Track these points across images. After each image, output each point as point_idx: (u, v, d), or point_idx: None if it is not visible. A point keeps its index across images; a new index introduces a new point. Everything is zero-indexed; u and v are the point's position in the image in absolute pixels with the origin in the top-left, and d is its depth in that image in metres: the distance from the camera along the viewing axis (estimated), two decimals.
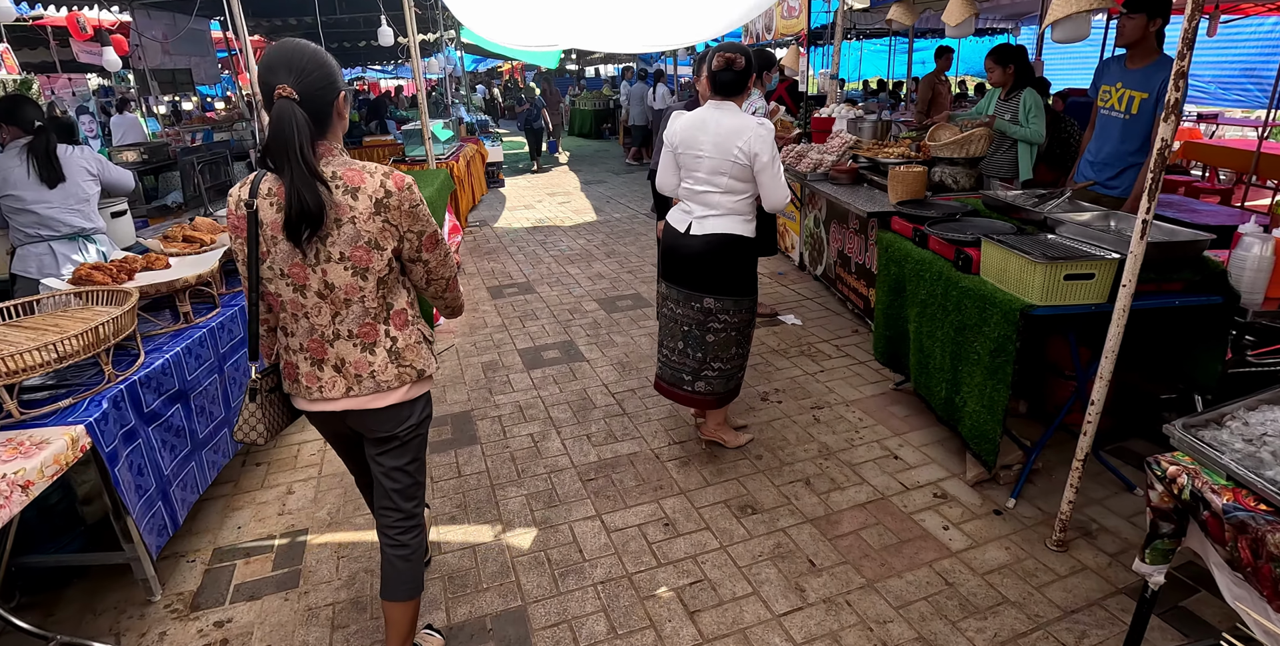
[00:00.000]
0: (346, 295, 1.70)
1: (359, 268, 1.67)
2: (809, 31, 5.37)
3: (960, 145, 3.64)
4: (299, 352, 1.78)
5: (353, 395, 1.78)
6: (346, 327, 1.74)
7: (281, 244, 1.64)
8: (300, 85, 1.57)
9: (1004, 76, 4.41)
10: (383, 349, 1.77)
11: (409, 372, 1.82)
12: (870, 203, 3.86)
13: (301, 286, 1.69)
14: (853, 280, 4.71)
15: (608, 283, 5.96)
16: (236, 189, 1.69)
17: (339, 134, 1.72)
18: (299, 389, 1.81)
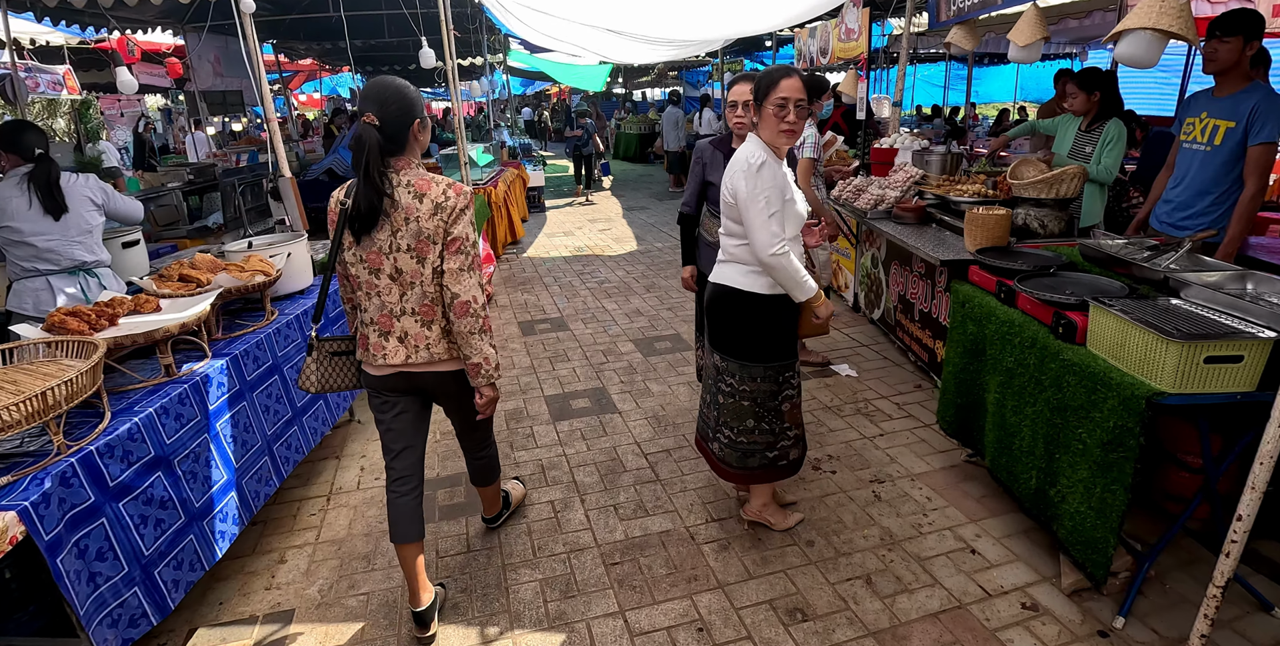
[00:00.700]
0: (411, 279, 2.10)
1: (421, 257, 2.07)
2: (868, 56, 4.98)
3: (1049, 184, 3.19)
4: (370, 326, 2.20)
5: (410, 362, 2.19)
6: (410, 306, 2.14)
7: (364, 237, 2.08)
8: (381, 114, 2.00)
9: (1087, 104, 3.95)
10: (438, 326, 2.17)
11: (457, 350, 2.20)
12: (941, 247, 3.43)
13: (376, 270, 2.11)
14: (916, 329, 4.25)
15: (646, 321, 5.58)
16: (338, 191, 2.14)
17: (416, 151, 2.12)
18: (368, 356, 2.23)
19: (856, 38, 5.27)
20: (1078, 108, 3.99)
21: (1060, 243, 3.19)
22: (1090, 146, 4.03)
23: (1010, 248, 3.10)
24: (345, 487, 3.37)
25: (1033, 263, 2.85)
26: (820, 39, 6.15)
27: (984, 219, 3.06)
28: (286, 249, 3.26)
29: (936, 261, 3.16)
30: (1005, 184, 3.72)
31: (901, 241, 3.64)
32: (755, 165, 2.30)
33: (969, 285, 3.02)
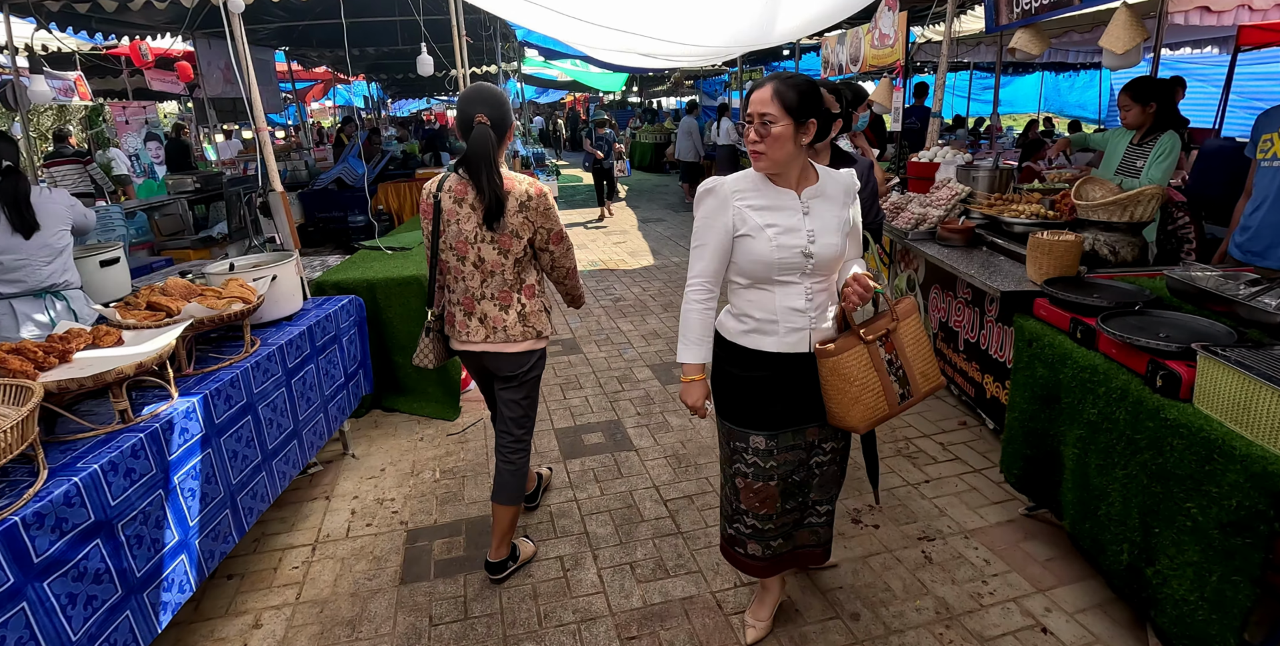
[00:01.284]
0: (492, 268, 2.33)
1: (503, 249, 2.31)
2: (905, 63, 4.63)
3: (1122, 206, 2.83)
4: (457, 305, 2.45)
5: (488, 341, 2.42)
6: (490, 291, 2.37)
7: (452, 226, 2.32)
8: (491, 115, 2.23)
9: (1142, 117, 3.61)
10: (514, 311, 2.40)
11: (530, 331, 2.44)
12: (995, 274, 3.07)
13: (463, 257, 2.34)
14: (960, 360, 3.89)
15: (664, 343, 5.24)
16: (429, 184, 2.38)
17: (503, 153, 2.33)
18: (454, 332, 2.48)
19: (892, 44, 4.93)
20: (1132, 120, 3.65)
21: (1136, 273, 2.82)
22: (1141, 160, 3.68)
23: (1081, 278, 2.74)
24: (334, 534, 3.04)
25: (1112, 297, 2.49)
26: (850, 46, 5.81)
27: (1052, 245, 2.71)
28: (271, 271, 2.95)
29: (996, 293, 2.80)
30: (1065, 204, 3.36)
31: (951, 267, 3.28)
32: (701, 190, 1.97)
33: (1036, 321, 2.66)
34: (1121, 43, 3.59)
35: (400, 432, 3.94)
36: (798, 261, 1.88)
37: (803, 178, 1.94)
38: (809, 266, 1.89)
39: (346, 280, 3.96)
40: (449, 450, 3.72)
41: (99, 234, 6.59)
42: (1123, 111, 3.66)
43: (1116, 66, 3.70)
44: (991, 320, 3.52)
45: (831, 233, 1.91)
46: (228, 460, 2.51)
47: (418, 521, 3.11)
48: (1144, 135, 3.68)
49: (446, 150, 12.52)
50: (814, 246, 1.88)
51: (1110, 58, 3.66)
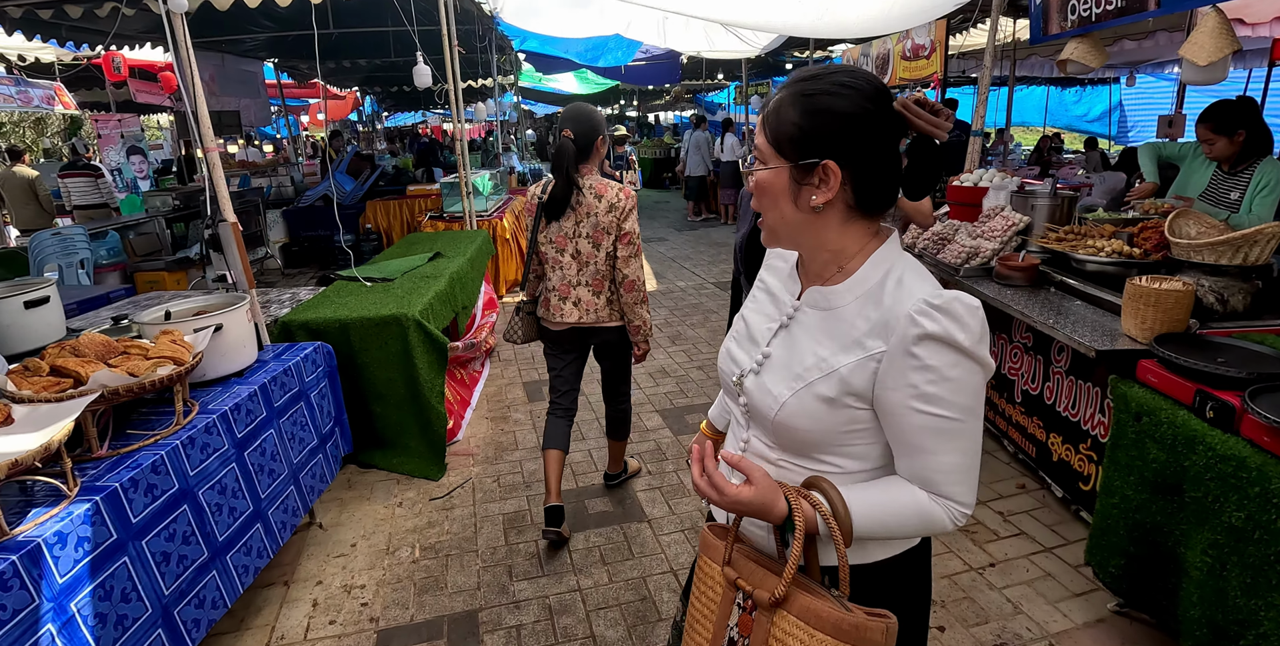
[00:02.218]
0: (587, 259, 2.78)
1: (596, 243, 2.76)
2: (943, 75, 4.18)
3: (1234, 246, 2.37)
4: (553, 292, 2.88)
5: (581, 321, 2.87)
6: (585, 279, 2.82)
7: (551, 222, 2.79)
8: (576, 130, 2.66)
9: (1231, 148, 3.18)
10: (604, 296, 2.85)
11: (616, 314, 2.88)
12: (1072, 322, 2.60)
13: (561, 250, 2.79)
14: (1017, 414, 3.41)
15: (673, 384, 4.76)
16: (535, 187, 2.88)
17: (595, 162, 2.75)
18: (548, 314, 2.92)
19: (928, 55, 4.48)
20: (1220, 154, 3.21)
21: (1258, 328, 2.35)
22: (1237, 191, 3.22)
23: (1195, 335, 2.26)
24: (289, 636, 2.53)
25: (1245, 363, 2.02)
26: (877, 57, 5.36)
27: (1159, 296, 2.23)
28: (215, 320, 2.46)
29: (1090, 352, 2.32)
30: (1148, 239, 2.89)
31: (1021, 313, 2.80)
32: None
33: (1144, 389, 2.18)
34: (1206, 53, 3.14)
35: (376, 495, 3.44)
36: (732, 388, 1.21)
37: (825, 267, 1.11)
38: (741, 407, 1.18)
39: (317, 320, 3.47)
40: (431, 520, 3.22)
41: (58, 257, 6.11)
42: (1206, 146, 3.22)
43: (1199, 81, 3.25)
44: (1061, 372, 3.04)
45: (786, 377, 1.09)
46: (155, 567, 2.01)
47: (391, 617, 2.60)
48: (1234, 163, 3.24)
49: (440, 165, 12.08)
50: (749, 379, 1.15)
51: (1191, 71, 3.20)
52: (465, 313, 4.72)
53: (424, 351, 3.60)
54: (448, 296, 4.18)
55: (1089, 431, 2.86)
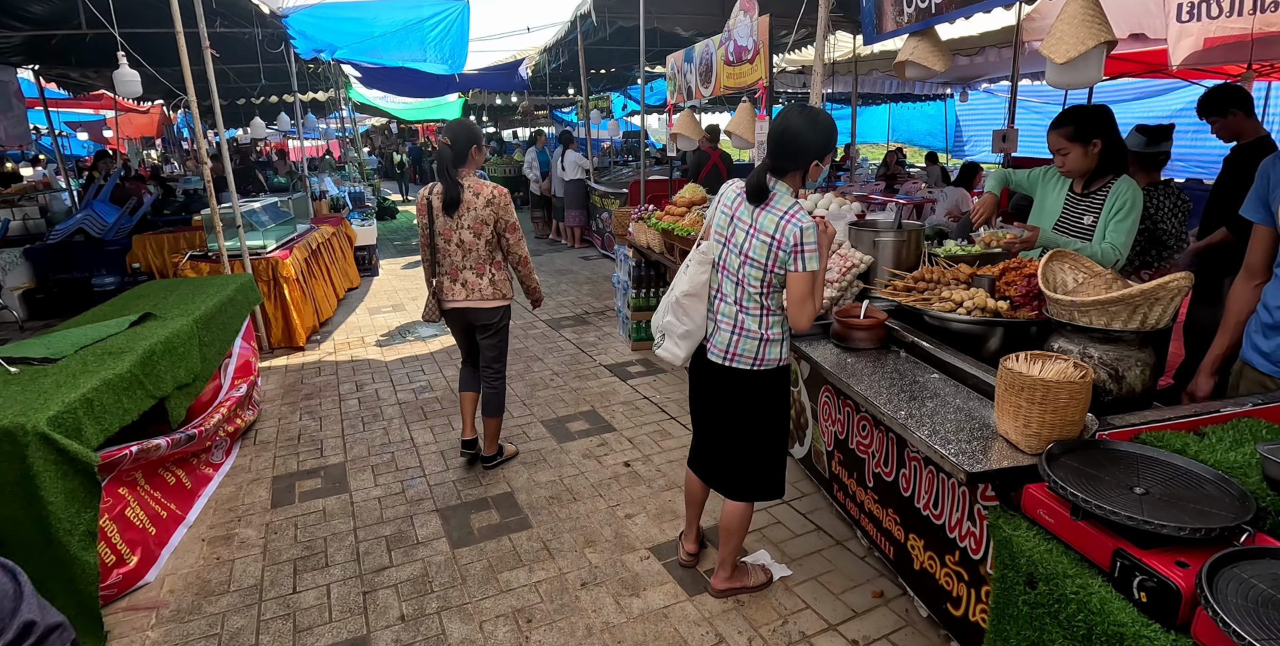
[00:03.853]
0: (469, 247, 3.36)
1: (476, 233, 3.34)
2: (768, 82, 3.49)
3: (1130, 307, 1.72)
4: (445, 275, 3.45)
5: (467, 300, 3.44)
6: (469, 264, 3.40)
7: (439, 217, 3.35)
8: (452, 138, 3.29)
9: (1086, 161, 2.62)
10: (486, 278, 3.43)
11: (498, 293, 3.46)
12: (931, 411, 1.88)
13: (448, 240, 3.36)
14: (871, 502, 2.71)
15: (466, 464, 3.80)
16: (424, 190, 3.40)
17: (472, 166, 3.36)
18: (443, 295, 3.47)
19: (751, 58, 3.81)
20: (1074, 166, 2.65)
21: (1170, 422, 1.69)
22: (1090, 215, 2.68)
23: (1094, 441, 1.57)
24: None
25: (1175, 500, 1.32)
26: (700, 62, 4.67)
27: (1049, 391, 1.53)
28: None
29: (961, 475, 1.58)
30: (1019, 288, 2.24)
31: (864, 398, 2.06)
32: None
33: (1035, 531, 1.46)
34: (1066, 46, 2.54)
35: None
36: None
37: None
38: None
39: None
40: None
41: None
42: (1058, 157, 2.65)
43: (1066, 83, 2.67)
44: (917, 457, 2.35)
45: None
46: None
47: None
48: (1089, 181, 2.69)
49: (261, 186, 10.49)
50: None
51: (1056, 72, 2.60)
52: (186, 392, 3.58)
53: (56, 477, 2.47)
54: (134, 381, 3.04)
55: (956, 542, 2.16)
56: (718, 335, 2.38)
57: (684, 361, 2.48)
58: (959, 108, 15.79)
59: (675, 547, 2.96)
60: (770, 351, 2.33)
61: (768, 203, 2.21)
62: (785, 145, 2.17)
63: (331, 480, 3.70)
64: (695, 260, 2.42)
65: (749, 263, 2.24)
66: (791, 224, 2.13)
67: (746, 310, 2.30)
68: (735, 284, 2.31)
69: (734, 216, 2.31)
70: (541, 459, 3.84)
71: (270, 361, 5.66)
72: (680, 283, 2.43)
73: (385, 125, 30.05)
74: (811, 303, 2.16)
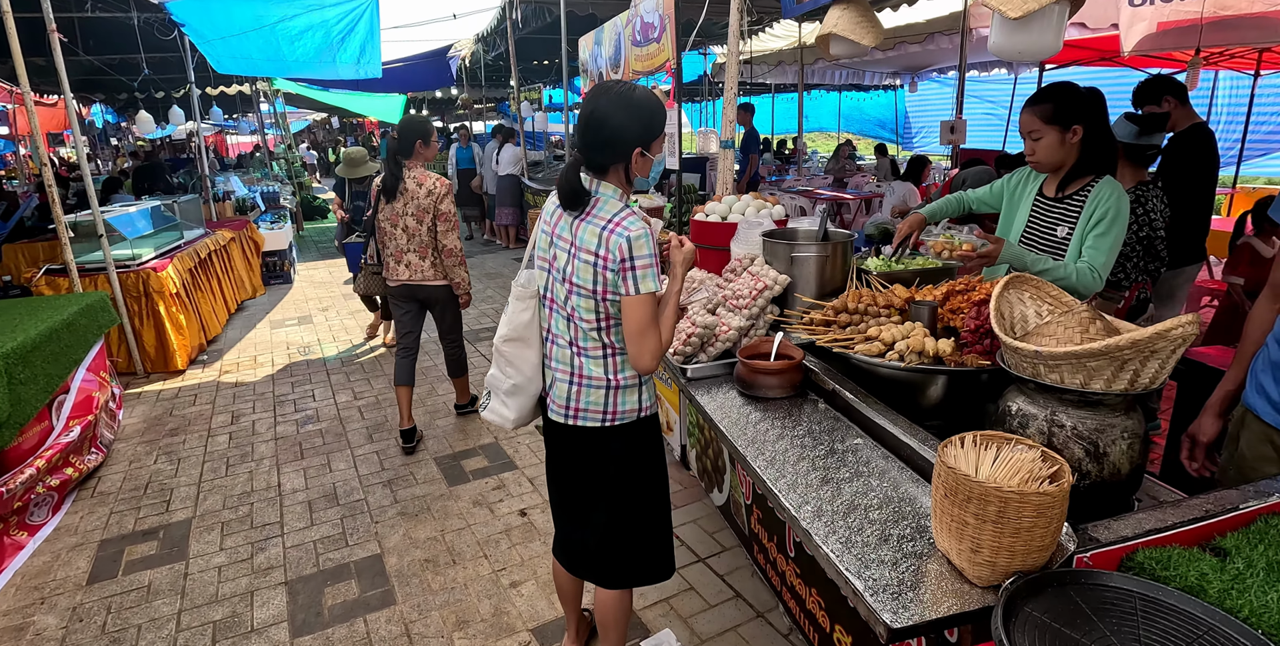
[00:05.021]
0: (412, 233, 3.58)
1: (419, 220, 3.55)
2: (677, 66, 2.96)
3: (1117, 363, 1.24)
4: (390, 256, 3.69)
5: (410, 278, 3.69)
6: (413, 247, 3.63)
7: (384, 204, 3.60)
8: (399, 132, 3.57)
9: (1062, 151, 2.14)
10: (429, 260, 3.66)
11: (439, 274, 3.72)
12: (849, 502, 1.38)
13: (394, 225, 3.59)
14: (794, 576, 2.22)
15: (339, 514, 3.23)
16: (377, 178, 3.68)
17: (419, 158, 3.58)
18: (388, 273, 3.74)
19: (658, 36, 3.26)
20: (1046, 156, 2.16)
21: (1174, 531, 1.21)
22: (1065, 225, 2.21)
23: (1070, 574, 1.08)
24: None
25: None
26: (609, 44, 4.13)
27: (1006, 506, 1.03)
28: None
29: (881, 630, 1.08)
30: (966, 320, 1.76)
31: (768, 485, 1.55)
32: None
33: None
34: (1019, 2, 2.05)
35: None
36: None
37: None
38: None
39: None
40: None
41: None
42: (1030, 145, 2.16)
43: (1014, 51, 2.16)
44: None
45: None
46: None
47: None
48: (1064, 183, 2.21)
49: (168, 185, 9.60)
50: None
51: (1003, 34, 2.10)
52: None
53: None
54: None
55: None
56: (555, 387, 1.87)
57: (516, 423, 1.96)
58: (908, 98, 15.50)
59: (563, 630, 2.44)
60: (625, 400, 1.82)
61: (589, 211, 1.71)
62: (594, 133, 1.69)
63: (170, 543, 3.09)
64: (514, 296, 1.90)
65: (576, 291, 1.74)
66: (616, 234, 1.64)
67: (585, 352, 1.79)
68: (566, 320, 1.80)
69: (554, 235, 1.80)
70: (425, 508, 3.28)
71: (143, 387, 4.98)
72: (501, 326, 1.92)
73: (326, 119, 28.86)
74: (653, 336, 1.67)
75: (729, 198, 2.83)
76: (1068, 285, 2.06)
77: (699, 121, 17.38)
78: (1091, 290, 2.10)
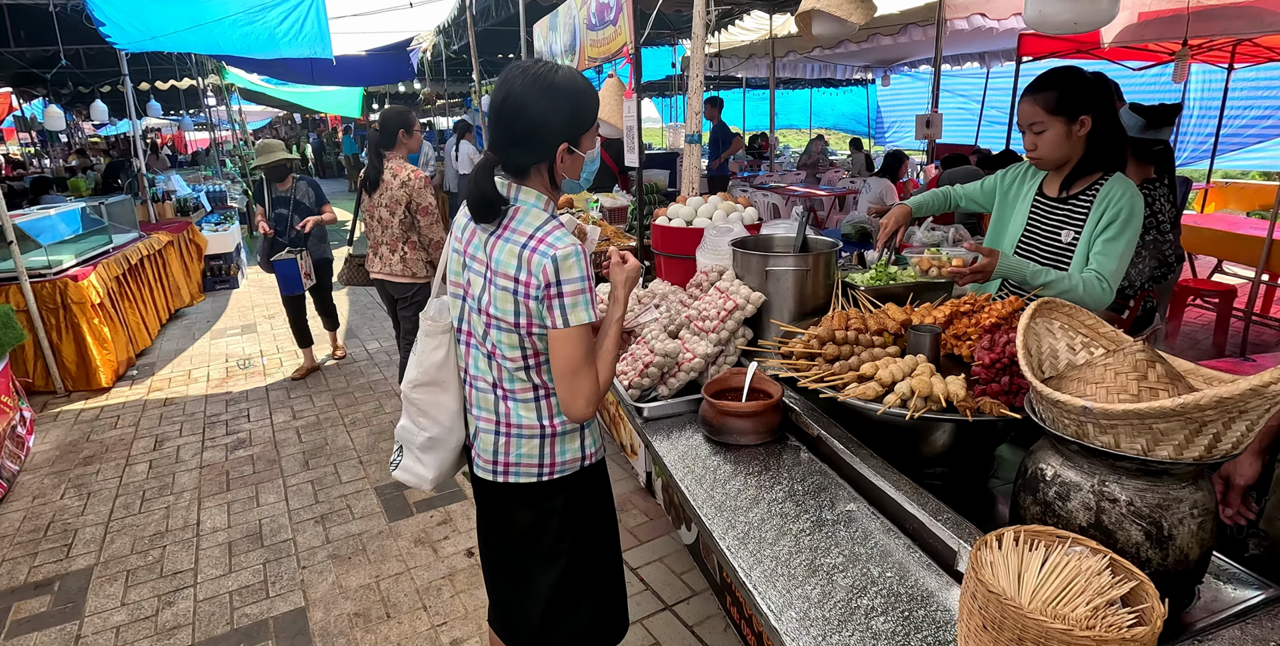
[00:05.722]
0: (385, 224, 3.60)
1: (391, 211, 3.55)
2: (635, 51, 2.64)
3: (1193, 425, 0.95)
4: (370, 248, 3.76)
5: (381, 272, 3.69)
6: (385, 240, 3.64)
7: (365, 195, 3.65)
8: (381, 123, 3.59)
9: (1068, 145, 1.84)
10: (398, 255, 3.63)
11: (408, 271, 3.65)
12: (840, 601, 1.10)
13: (372, 215, 3.63)
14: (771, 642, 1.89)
15: (261, 559, 2.87)
16: (362, 171, 3.64)
17: (400, 149, 3.59)
18: (369, 264, 3.77)
19: (614, 18, 2.93)
20: (1047, 151, 1.86)
21: None
22: (1070, 229, 1.93)
23: None
24: None
25: None
26: (564, 29, 3.78)
27: (1046, 637, 0.72)
28: None
29: None
30: (980, 352, 1.45)
31: (729, 564, 1.23)
32: None
33: None
34: None
35: None
36: None
37: None
38: None
39: None
40: None
41: None
42: (1030, 136, 1.86)
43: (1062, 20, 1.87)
44: None
45: None
46: None
47: None
48: (1069, 180, 1.91)
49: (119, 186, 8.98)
50: None
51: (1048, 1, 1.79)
52: None
53: None
54: None
55: None
56: (479, 439, 1.53)
57: (435, 483, 1.63)
58: (881, 92, 15.32)
59: None
60: (564, 449, 1.50)
61: (506, 224, 1.38)
62: (509, 125, 1.35)
63: (65, 598, 2.70)
64: (422, 331, 1.56)
65: (495, 324, 1.40)
66: (539, 253, 1.31)
67: (512, 395, 1.47)
68: (487, 358, 1.47)
69: (466, 255, 1.46)
70: (360, 549, 2.93)
71: (61, 408, 4.55)
72: (408, 368, 1.58)
73: (288, 116, 28.07)
74: (587, 377, 1.36)
75: (694, 199, 2.50)
76: (1073, 298, 1.78)
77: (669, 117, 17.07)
78: (1101, 303, 1.82)
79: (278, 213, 4.63)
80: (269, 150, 4.60)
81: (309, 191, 4.71)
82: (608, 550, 1.66)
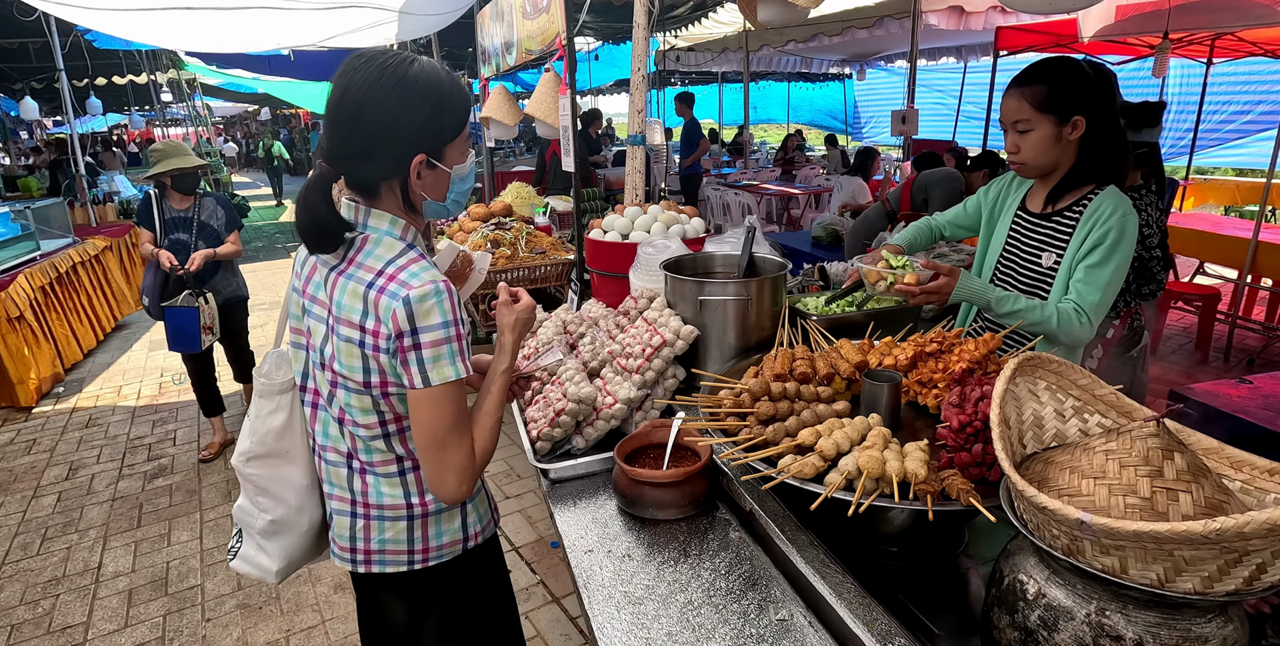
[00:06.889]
0: None
1: None
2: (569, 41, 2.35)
3: (1228, 556, 0.70)
4: None
5: None
6: None
7: None
8: None
9: (1052, 149, 1.56)
10: None
11: None
12: None
13: None
14: None
15: (158, 614, 2.57)
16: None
17: None
18: None
19: (547, 5, 2.63)
20: (1032, 155, 1.60)
21: None
22: (1053, 251, 1.66)
23: None
24: None
25: None
26: (504, 21, 3.48)
27: None
28: None
29: None
30: (950, 410, 1.20)
31: None
32: None
33: None
34: None
35: None
36: None
37: None
38: None
39: None
40: None
41: None
42: (1013, 136, 1.59)
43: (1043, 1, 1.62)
44: None
45: None
46: None
47: None
48: (1056, 193, 1.65)
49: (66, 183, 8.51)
50: None
51: None
52: None
53: None
54: None
55: None
56: (335, 521, 1.25)
57: (283, 575, 1.34)
58: (857, 87, 15.11)
59: None
60: (440, 532, 1.23)
61: (351, 257, 1.10)
62: (347, 130, 1.06)
63: None
64: (257, 391, 1.27)
65: (342, 384, 1.13)
66: (387, 295, 1.04)
67: (370, 469, 1.19)
68: (337, 424, 1.19)
69: (306, 295, 1.18)
70: (274, 597, 2.64)
71: None
72: (241, 437, 1.29)
73: (256, 111, 27.45)
74: (458, 448, 1.09)
75: (632, 209, 2.23)
76: (1044, 331, 1.53)
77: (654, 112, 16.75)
78: (1078, 340, 1.56)
79: (174, 238, 3.50)
80: (172, 153, 3.47)
81: (217, 211, 3.60)
82: (509, 640, 1.39)
